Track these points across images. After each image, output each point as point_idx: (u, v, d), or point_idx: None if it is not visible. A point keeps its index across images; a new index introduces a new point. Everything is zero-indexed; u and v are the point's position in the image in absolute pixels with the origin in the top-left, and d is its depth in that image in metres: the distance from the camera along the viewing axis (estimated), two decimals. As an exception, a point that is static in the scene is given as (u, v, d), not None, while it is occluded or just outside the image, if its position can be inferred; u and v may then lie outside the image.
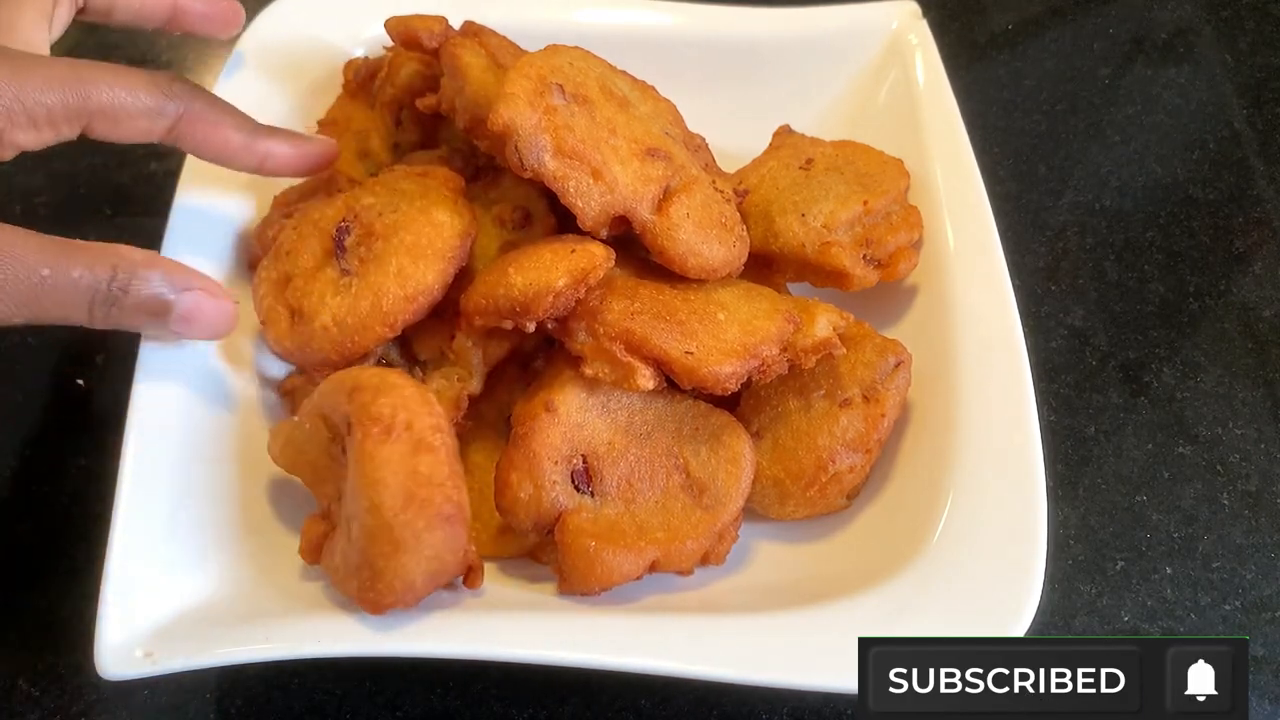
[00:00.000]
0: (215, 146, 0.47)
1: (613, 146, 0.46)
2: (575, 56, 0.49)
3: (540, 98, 0.44)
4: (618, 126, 0.47)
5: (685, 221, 0.46)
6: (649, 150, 0.47)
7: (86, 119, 0.43)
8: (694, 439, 0.47)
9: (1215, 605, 0.52)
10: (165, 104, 0.45)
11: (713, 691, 0.48)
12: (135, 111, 0.44)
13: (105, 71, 0.43)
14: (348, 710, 0.48)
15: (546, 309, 0.43)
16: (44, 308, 0.40)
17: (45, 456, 0.57)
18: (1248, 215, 0.70)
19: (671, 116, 0.54)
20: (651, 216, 0.46)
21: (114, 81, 0.43)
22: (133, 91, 0.44)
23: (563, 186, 0.44)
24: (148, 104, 0.44)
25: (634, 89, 0.52)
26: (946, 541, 0.43)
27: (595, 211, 0.44)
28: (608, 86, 0.49)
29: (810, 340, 0.46)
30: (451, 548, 0.39)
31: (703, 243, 0.47)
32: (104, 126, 0.44)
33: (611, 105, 0.48)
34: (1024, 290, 0.56)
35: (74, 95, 0.42)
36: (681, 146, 0.51)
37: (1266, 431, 0.59)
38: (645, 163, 0.46)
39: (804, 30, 0.66)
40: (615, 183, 0.45)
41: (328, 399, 0.43)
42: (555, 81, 0.45)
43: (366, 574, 0.39)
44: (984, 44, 0.82)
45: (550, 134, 0.43)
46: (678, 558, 0.44)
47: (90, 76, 0.43)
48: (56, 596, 0.51)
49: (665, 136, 0.50)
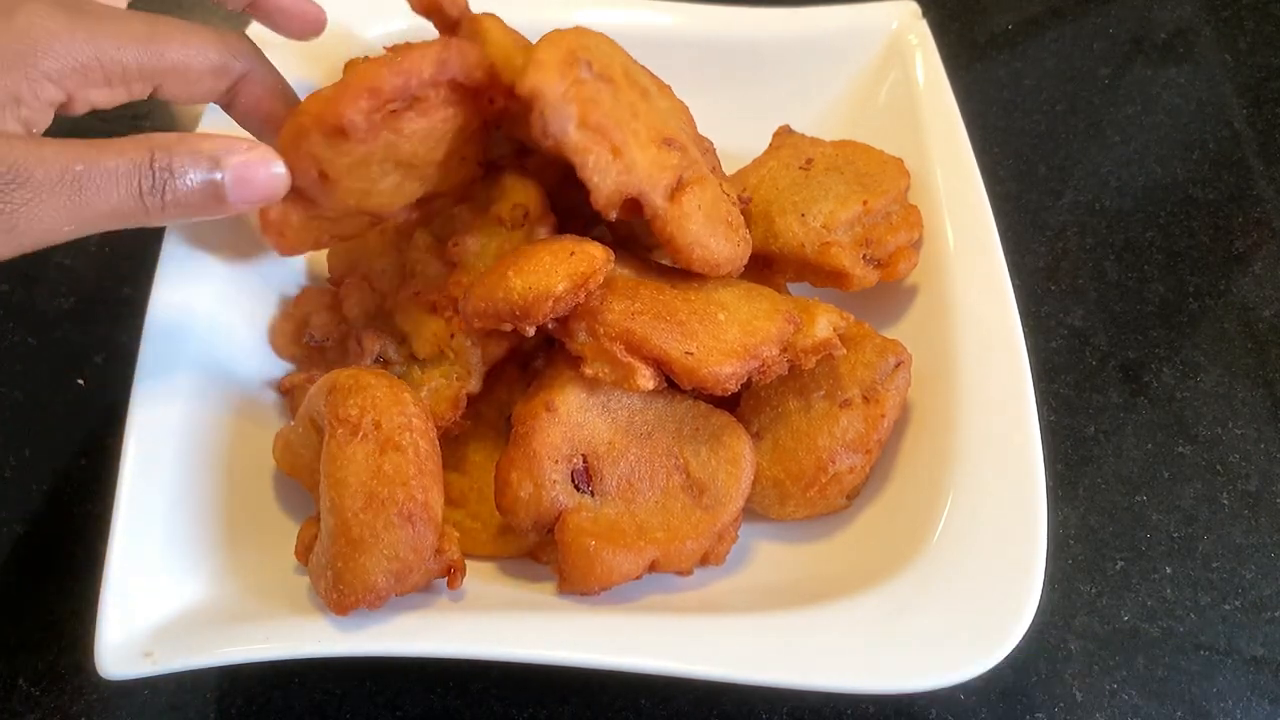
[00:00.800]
0: (261, 114, 0.47)
1: (633, 129, 0.45)
2: (602, 40, 0.48)
3: (570, 69, 0.43)
4: (639, 112, 0.46)
5: (696, 213, 0.46)
6: (666, 139, 0.47)
7: (160, 78, 0.43)
8: (694, 439, 0.47)
9: (1215, 605, 0.52)
10: (232, 62, 0.44)
11: (713, 691, 0.48)
12: (204, 70, 0.44)
13: (178, 29, 0.43)
14: (348, 710, 0.48)
15: (546, 314, 0.43)
16: (90, 207, 0.37)
17: (45, 456, 0.57)
18: (1248, 215, 0.70)
19: (685, 117, 0.54)
20: (664, 203, 0.45)
21: (186, 39, 0.43)
22: (203, 50, 0.43)
23: (583, 160, 0.43)
24: (215, 62, 0.44)
25: (653, 83, 0.52)
26: (946, 541, 0.43)
27: (610, 189, 0.44)
28: (631, 74, 0.48)
29: (810, 341, 0.46)
30: (414, 547, 0.39)
31: (710, 236, 0.46)
32: (174, 86, 0.43)
33: (634, 91, 0.47)
34: (1024, 290, 0.56)
35: (149, 54, 0.42)
36: (693, 145, 0.51)
37: (1266, 431, 0.59)
38: (662, 150, 0.46)
39: (804, 30, 0.66)
40: (633, 164, 0.44)
41: (313, 401, 0.43)
42: (584, 57, 0.45)
43: (330, 574, 0.39)
44: (984, 44, 0.82)
45: (578, 104, 0.43)
46: (677, 558, 0.44)
47: (165, 33, 0.42)
48: (56, 596, 0.51)
49: (680, 132, 0.50)
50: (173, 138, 0.39)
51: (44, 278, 0.64)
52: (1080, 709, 0.49)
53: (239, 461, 0.48)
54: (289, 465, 0.46)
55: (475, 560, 0.47)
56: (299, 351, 0.54)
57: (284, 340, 0.54)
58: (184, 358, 0.48)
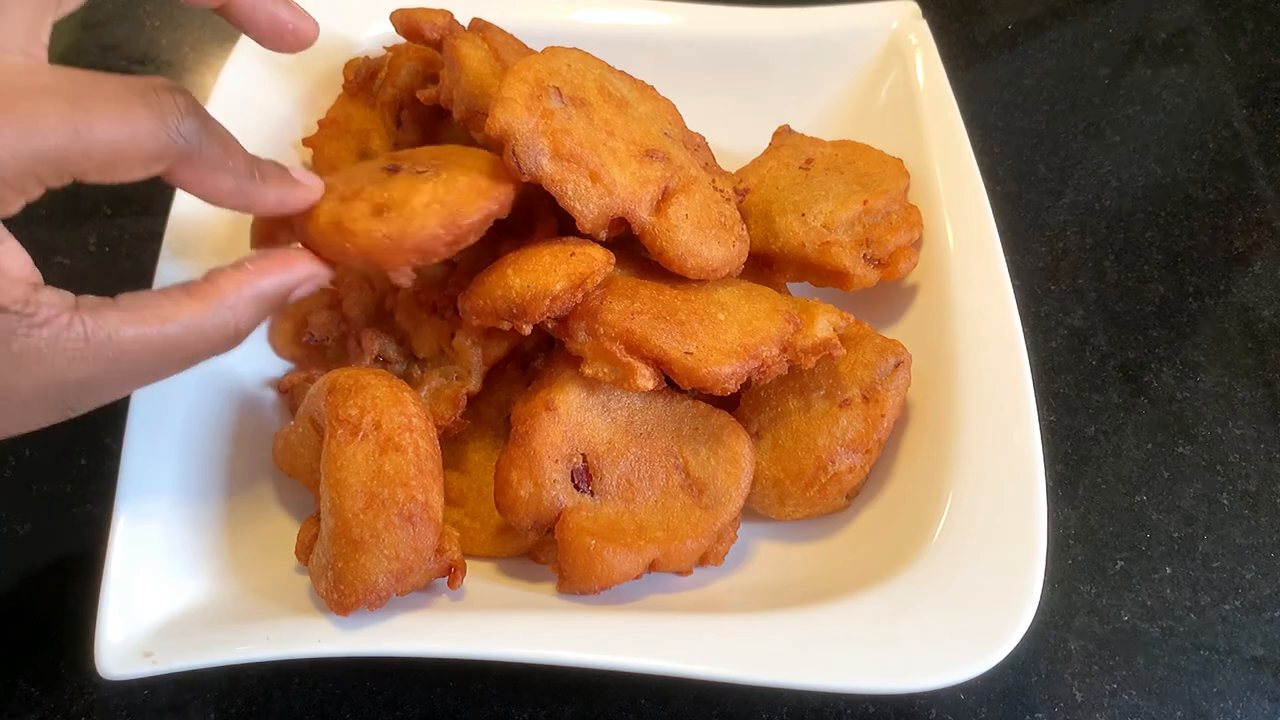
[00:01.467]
0: (205, 190, 0.40)
1: (610, 149, 0.46)
2: (573, 58, 0.49)
3: (537, 101, 0.44)
4: (615, 128, 0.47)
5: (684, 223, 0.46)
6: (647, 151, 0.47)
7: (80, 174, 0.34)
8: (694, 439, 0.47)
9: (1215, 605, 0.52)
10: (169, 147, 0.36)
11: (713, 691, 0.48)
12: (134, 159, 0.35)
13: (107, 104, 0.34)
14: (348, 710, 0.48)
15: (543, 312, 0.43)
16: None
17: (45, 456, 0.57)
18: (1248, 215, 0.70)
19: (670, 116, 0.54)
20: (650, 218, 0.46)
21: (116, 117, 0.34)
22: (134, 132, 0.34)
23: (561, 190, 0.44)
24: (149, 149, 0.35)
25: (633, 89, 0.53)
26: (946, 541, 0.43)
27: (594, 214, 0.44)
28: (605, 88, 0.49)
29: (810, 340, 0.46)
30: (414, 547, 0.40)
31: (701, 243, 0.47)
32: (97, 176, 0.35)
33: (609, 107, 0.48)
34: (1024, 290, 0.56)
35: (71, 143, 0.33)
36: (680, 146, 0.51)
37: (1266, 431, 0.59)
38: (643, 164, 0.47)
39: (804, 30, 0.66)
40: (613, 185, 0.45)
41: (313, 401, 0.43)
42: (552, 85, 0.45)
43: (331, 574, 0.40)
44: (984, 44, 0.82)
45: (548, 138, 0.43)
46: (677, 557, 0.44)
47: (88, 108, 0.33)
48: (56, 596, 0.51)
49: (664, 137, 0.50)
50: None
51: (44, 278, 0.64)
52: (1080, 709, 0.49)
53: (239, 461, 0.48)
54: (289, 465, 0.46)
55: (475, 560, 0.47)
56: (299, 351, 0.54)
57: (284, 340, 0.54)
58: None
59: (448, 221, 0.42)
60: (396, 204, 0.43)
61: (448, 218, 0.42)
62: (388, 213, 0.42)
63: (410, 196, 0.43)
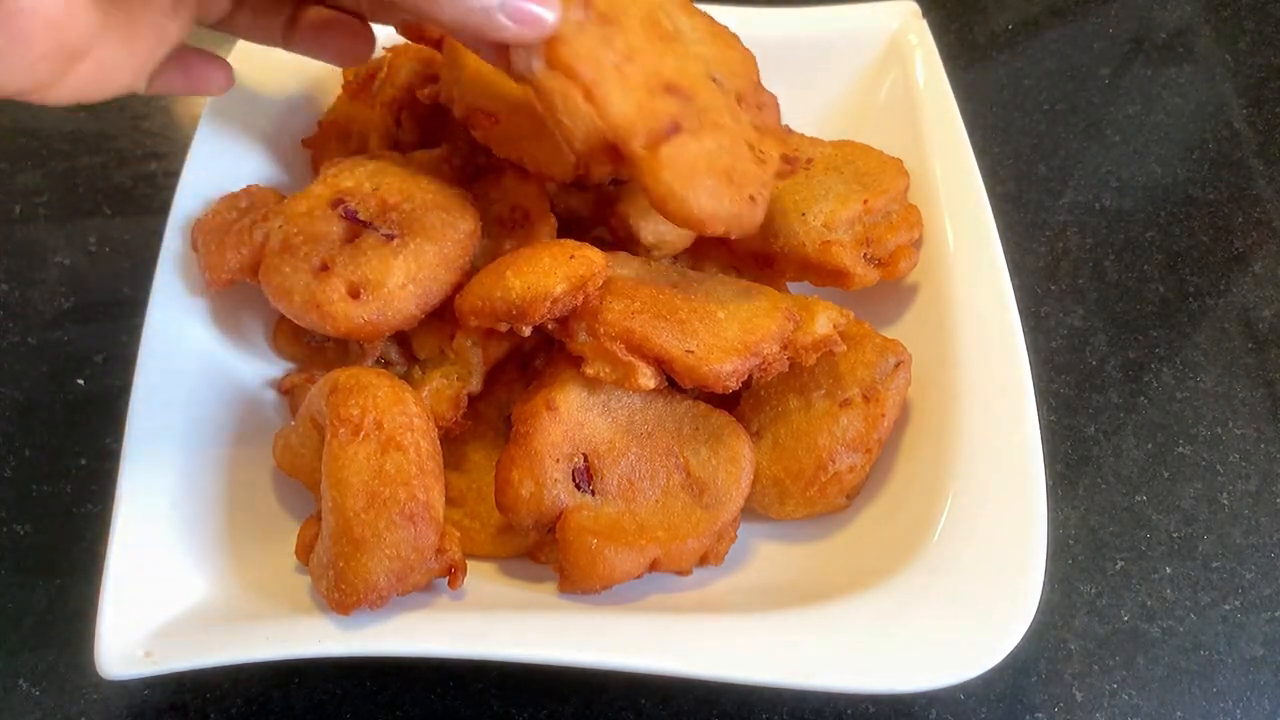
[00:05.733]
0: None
1: (622, 73, 0.43)
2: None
3: (564, 7, 0.42)
4: (639, 55, 0.44)
5: (677, 163, 0.43)
6: (667, 86, 0.44)
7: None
8: (694, 438, 0.47)
9: (1215, 605, 0.52)
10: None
11: (713, 691, 0.48)
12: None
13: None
14: (348, 710, 0.48)
15: (543, 315, 0.43)
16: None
17: (45, 456, 0.57)
18: (1248, 215, 0.70)
19: (739, 68, 0.50)
20: (642, 150, 0.43)
21: None
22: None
23: (549, 100, 0.42)
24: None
25: (699, 29, 0.49)
26: (946, 541, 0.43)
27: (581, 133, 0.42)
28: (656, 17, 0.46)
29: (811, 337, 0.46)
30: (415, 546, 0.40)
31: (688, 189, 0.43)
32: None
33: (647, 35, 0.45)
34: (1024, 290, 0.56)
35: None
36: (725, 94, 0.48)
37: (1266, 431, 0.59)
38: (655, 96, 0.43)
39: (804, 30, 0.66)
40: (607, 107, 0.42)
41: (314, 401, 0.43)
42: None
43: (332, 574, 0.40)
44: (984, 44, 0.82)
45: (546, 44, 0.41)
46: (678, 556, 0.44)
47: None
48: (56, 596, 0.51)
49: (707, 79, 0.47)
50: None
51: (44, 278, 0.64)
52: (1080, 709, 0.49)
53: (239, 461, 0.48)
54: (289, 465, 0.46)
55: (475, 560, 0.47)
56: (299, 351, 0.54)
57: (284, 340, 0.54)
58: (184, 358, 0.48)
59: (423, 302, 0.47)
60: (372, 285, 0.46)
61: (422, 297, 0.47)
62: (364, 293, 0.46)
63: (384, 276, 0.46)
